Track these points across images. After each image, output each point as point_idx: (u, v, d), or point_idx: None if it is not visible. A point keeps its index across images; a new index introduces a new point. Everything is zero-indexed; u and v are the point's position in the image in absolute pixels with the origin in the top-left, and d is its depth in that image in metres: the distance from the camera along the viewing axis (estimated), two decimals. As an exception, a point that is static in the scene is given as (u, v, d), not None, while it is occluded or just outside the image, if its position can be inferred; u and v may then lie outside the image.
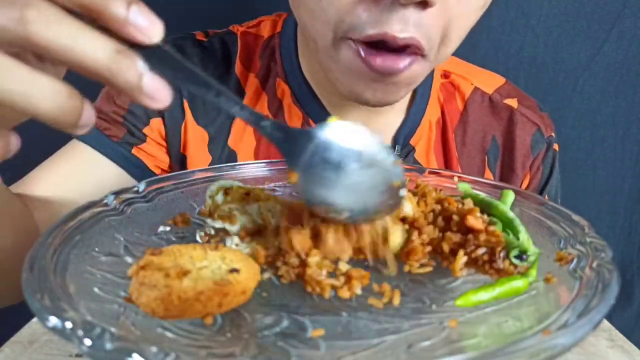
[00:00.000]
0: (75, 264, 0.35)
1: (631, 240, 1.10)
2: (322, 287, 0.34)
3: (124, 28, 0.27)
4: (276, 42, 0.67)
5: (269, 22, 0.69)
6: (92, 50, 0.26)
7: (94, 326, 0.26)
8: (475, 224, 0.38)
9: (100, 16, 0.26)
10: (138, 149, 0.64)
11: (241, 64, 0.67)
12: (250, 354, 0.28)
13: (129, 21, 0.26)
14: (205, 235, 0.42)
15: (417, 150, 0.68)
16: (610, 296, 0.30)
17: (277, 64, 0.66)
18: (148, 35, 0.27)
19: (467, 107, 0.70)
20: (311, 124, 0.65)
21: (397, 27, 0.45)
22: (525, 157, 0.70)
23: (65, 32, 0.25)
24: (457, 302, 0.33)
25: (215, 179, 0.53)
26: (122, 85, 0.27)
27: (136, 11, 0.26)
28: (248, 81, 0.66)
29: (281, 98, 0.66)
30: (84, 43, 0.26)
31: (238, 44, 0.67)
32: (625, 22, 0.96)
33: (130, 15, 0.26)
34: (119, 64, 0.26)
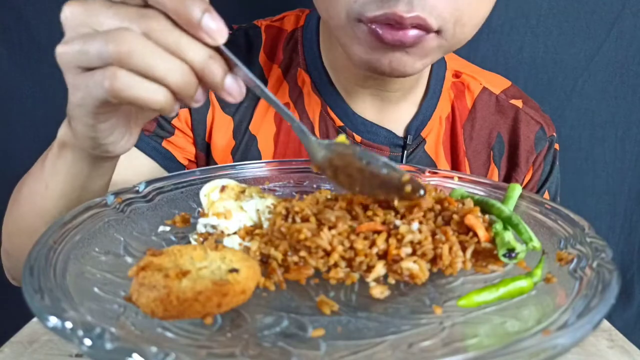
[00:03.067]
0: (75, 264, 0.35)
1: (631, 241, 1.10)
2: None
3: (196, 30, 0.34)
4: (299, 35, 0.71)
5: (293, 16, 0.74)
6: (192, 53, 0.35)
7: (94, 326, 0.26)
8: (475, 223, 0.38)
9: (180, 19, 0.34)
10: (167, 142, 0.68)
11: (265, 55, 0.71)
12: (250, 354, 0.28)
13: (202, 26, 0.34)
14: (199, 237, 0.42)
15: (428, 142, 0.71)
16: (610, 296, 0.30)
17: (299, 55, 0.70)
18: (215, 38, 0.35)
19: (476, 104, 0.74)
20: (328, 111, 0.69)
21: (403, 7, 0.48)
22: (529, 153, 0.74)
23: (174, 38, 0.34)
24: (459, 302, 0.33)
25: (215, 178, 0.53)
26: (210, 83, 0.36)
27: (208, 18, 0.34)
28: (271, 71, 0.70)
29: (301, 86, 0.70)
30: (187, 49, 0.34)
31: (262, 36, 0.72)
32: (625, 22, 0.96)
33: (204, 21, 0.34)
34: (211, 66, 0.35)
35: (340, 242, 0.36)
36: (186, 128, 0.69)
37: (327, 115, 0.69)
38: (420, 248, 0.36)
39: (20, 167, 0.57)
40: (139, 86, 0.34)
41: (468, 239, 0.38)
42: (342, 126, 0.69)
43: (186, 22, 0.34)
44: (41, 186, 0.50)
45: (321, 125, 0.69)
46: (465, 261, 0.37)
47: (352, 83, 0.67)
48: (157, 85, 0.35)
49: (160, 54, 0.34)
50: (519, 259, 0.37)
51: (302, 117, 0.69)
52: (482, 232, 0.38)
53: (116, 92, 0.34)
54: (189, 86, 0.36)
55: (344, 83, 0.68)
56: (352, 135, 0.69)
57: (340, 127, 0.69)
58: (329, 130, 0.69)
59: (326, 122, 0.69)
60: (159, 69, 0.34)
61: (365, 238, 0.37)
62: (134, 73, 0.34)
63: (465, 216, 0.39)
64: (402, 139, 0.70)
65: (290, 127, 0.66)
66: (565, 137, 1.04)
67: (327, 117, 0.69)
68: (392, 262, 0.36)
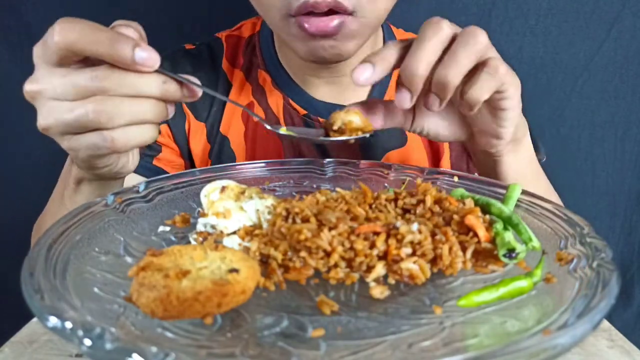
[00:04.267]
0: (75, 264, 0.35)
1: (631, 240, 1.10)
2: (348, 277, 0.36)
3: (132, 66, 0.39)
4: (256, 40, 0.78)
5: (249, 24, 0.81)
6: (150, 90, 0.41)
7: (94, 326, 0.26)
8: (476, 223, 0.38)
9: (118, 63, 0.39)
10: (157, 159, 0.73)
11: (227, 62, 0.78)
12: (250, 354, 0.28)
13: (136, 61, 0.39)
14: (199, 236, 0.42)
15: None
16: (610, 296, 0.30)
17: (258, 57, 0.77)
18: (149, 66, 0.40)
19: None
20: (290, 103, 0.75)
21: None
22: None
23: (130, 85, 0.40)
24: (459, 302, 0.33)
25: (215, 179, 0.53)
26: (174, 102, 0.43)
27: (139, 51, 0.39)
28: (234, 75, 0.77)
29: (263, 85, 0.76)
30: (144, 87, 0.41)
31: (224, 46, 0.79)
32: (624, 22, 0.96)
33: (136, 57, 0.39)
34: (169, 91, 0.42)
35: (341, 242, 0.36)
36: (170, 142, 0.76)
37: (290, 106, 0.75)
38: (420, 248, 0.36)
39: (20, 166, 0.57)
40: (131, 137, 0.41)
41: (468, 239, 0.38)
42: (305, 114, 0.74)
43: (123, 63, 0.39)
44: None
45: (286, 117, 0.75)
46: (465, 261, 0.37)
47: (307, 75, 0.73)
48: (144, 126, 0.42)
49: (129, 103, 0.40)
50: (519, 259, 0.37)
51: (267, 112, 0.75)
52: (482, 232, 0.38)
53: (118, 149, 0.41)
54: (162, 112, 0.43)
55: (301, 76, 0.74)
56: (317, 119, 0.74)
57: (304, 115, 0.74)
58: (294, 120, 0.74)
59: (290, 113, 0.75)
60: (134, 116, 0.40)
61: (365, 239, 0.37)
62: (121, 128, 0.40)
63: (466, 216, 0.39)
64: None
65: (256, 124, 0.74)
66: (565, 137, 1.04)
67: (290, 109, 0.75)
68: (392, 263, 0.36)
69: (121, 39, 0.39)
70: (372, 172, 0.59)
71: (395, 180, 0.57)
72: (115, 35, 0.39)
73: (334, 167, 0.60)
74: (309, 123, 0.74)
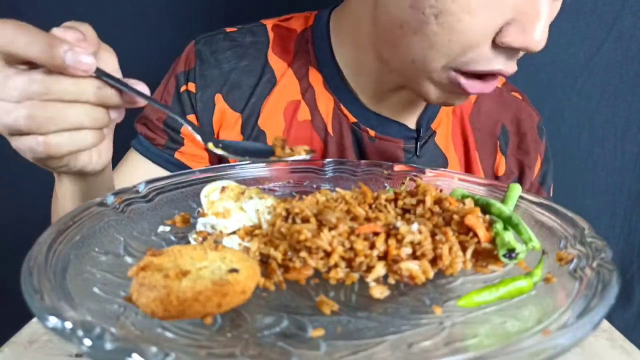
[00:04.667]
0: (75, 264, 0.35)
1: (631, 241, 1.10)
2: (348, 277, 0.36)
3: (67, 70, 0.39)
4: (309, 35, 0.72)
5: (302, 17, 0.75)
6: (86, 96, 0.41)
7: (94, 326, 0.26)
8: (476, 223, 0.38)
9: (52, 67, 0.39)
10: (179, 153, 0.70)
11: (274, 54, 0.72)
12: (250, 354, 0.28)
13: (68, 65, 0.38)
14: (199, 236, 0.42)
15: (438, 133, 0.73)
16: (610, 296, 0.30)
17: (310, 54, 0.71)
18: (84, 70, 0.39)
19: (479, 98, 0.76)
20: (341, 108, 0.70)
21: (510, 64, 0.54)
22: (536, 143, 0.77)
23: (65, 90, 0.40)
24: (459, 302, 0.33)
25: (215, 179, 0.53)
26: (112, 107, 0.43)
27: (70, 55, 0.38)
28: (282, 69, 0.71)
29: (313, 84, 0.71)
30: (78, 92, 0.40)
31: (269, 34, 0.73)
32: (624, 22, 0.96)
33: (67, 61, 0.38)
34: (104, 96, 0.42)
35: (341, 242, 0.36)
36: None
37: (340, 112, 0.70)
38: (420, 248, 0.36)
39: (20, 165, 0.57)
40: (67, 142, 0.41)
41: (468, 239, 0.38)
42: (355, 122, 0.70)
43: (56, 67, 0.38)
44: (60, 209, 0.56)
45: (334, 122, 0.70)
46: (465, 261, 0.37)
47: (374, 86, 0.69)
48: (80, 132, 0.41)
49: (61, 108, 0.39)
50: (519, 259, 0.37)
51: (314, 113, 0.70)
52: (482, 232, 0.38)
53: (54, 154, 0.41)
54: (101, 118, 0.42)
55: (362, 84, 0.69)
56: (366, 130, 0.70)
57: (353, 123, 0.70)
58: (342, 127, 0.70)
59: (340, 118, 0.70)
60: (68, 121, 0.40)
61: (365, 239, 0.37)
62: (57, 133, 0.40)
63: (466, 216, 0.39)
64: (414, 132, 0.72)
65: (301, 124, 0.70)
66: (565, 137, 1.04)
67: (340, 114, 0.70)
68: (392, 263, 0.36)
69: (54, 42, 0.38)
70: (372, 172, 0.59)
71: (395, 180, 0.57)
72: (49, 38, 0.38)
73: (334, 167, 0.60)
74: (357, 133, 0.70)
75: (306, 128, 0.70)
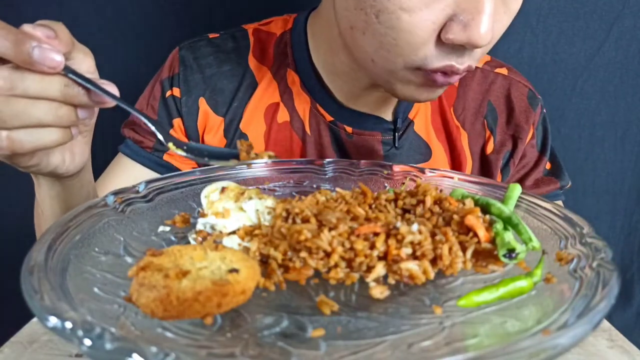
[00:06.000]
0: (75, 264, 0.35)
1: (631, 240, 1.10)
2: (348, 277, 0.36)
3: (34, 66, 0.38)
4: (288, 38, 0.74)
5: (281, 21, 0.76)
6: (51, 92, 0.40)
7: (94, 326, 0.26)
8: (476, 223, 0.38)
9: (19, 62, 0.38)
10: (168, 155, 0.71)
11: (254, 58, 0.73)
12: (250, 354, 0.28)
13: (35, 60, 0.38)
14: (198, 235, 0.42)
15: (416, 123, 0.74)
16: (610, 296, 0.30)
17: (288, 57, 0.73)
18: (49, 66, 0.38)
19: (462, 82, 0.76)
20: (317, 107, 0.71)
21: (460, 60, 0.54)
22: (528, 112, 0.75)
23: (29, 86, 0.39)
24: (459, 302, 0.33)
25: (215, 179, 0.53)
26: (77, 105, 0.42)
27: (37, 51, 0.37)
28: (262, 73, 0.73)
29: (291, 86, 0.73)
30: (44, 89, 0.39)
31: (250, 39, 0.74)
32: (625, 22, 0.96)
33: (35, 56, 0.37)
34: (70, 94, 0.41)
35: (341, 242, 0.36)
36: (183, 137, 0.73)
37: (317, 112, 0.72)
38: (420, 248, 0.36)
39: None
40: (31, 139, 0.40)
41: (468, 239, 0.38)
42: (332, 120, 0.71)
43: (23, 62, 0.38)
44: (40, 212, 0.57)
45: (312, 122, 0.72)
46: (465, 261, 0.37)
47: (349, 85, 0.70)
48: (45, 129, 0.40)
49: (25, 104, 0.39)
50: (519, 259, 0.37)
51: (292, 114, 0.72)
52: (482, 232, 0.38)
53: (16, 150, 0.40)
54: (67, 116, 0.41)
55: (339, 84, 0.70)
56: (343, 127, 0.71)
57: (330, 121, 0.71)
58: (320, 126, 0.72)
59: (317, 118, 0.72)
60: (32, 117, 0.39)
61: (365, 239, 0.37)
62: (21, 129, 0.39)
63: (466, 216, 0.39)
64: (391, 123, 0.72)
65: (280, 125, 0.71)
66: (565, 137, 1.04)
67: (317, 114, 0.72)
68: (392, 263, 0.36)
69: (21, 38, 0.38)
70: (372, 172, 0.59)
71: (395, 180, 0.57)
72: (17, 34, 0.38)
73: (334, 167, 0.60)
74: (334, 131, 0.71)
75: (285, 129, 0.72)
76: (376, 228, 0.37)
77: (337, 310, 0.33)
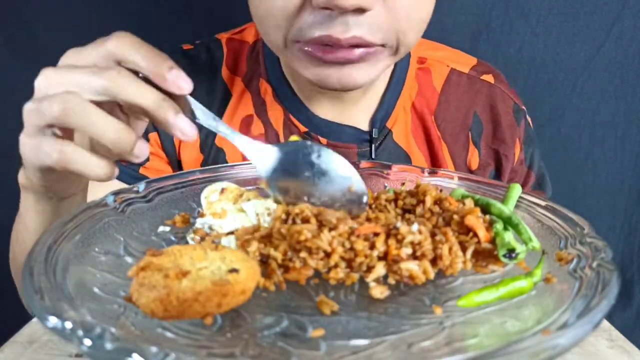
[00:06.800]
0: (75, 264, 0.35)
1: (631, 241, 1.10)
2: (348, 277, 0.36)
3: (164, 83, 0.38)
4: (260, 46, 0.72)
5: (254, 28, 0.74)
6: (148, 96, 0.38)
7: (94, 326, 0.26)
8: (476, 223, 0.38)
9: (151, 76, 0.38)
10: (144, 168, 0.70)
11: (227, 69, 0.72)
12: (250, 354, 0.28)
13: (167, 79, 0.38)
14: (196, 234, 0.42)
15: (395, 132, 0.71)
16: (610, 296, 0.30)
17: (261, 66, 0.71)
18: (180, 88, 0.39)
19: (445, 88, 0.73)
20: (291, 118, 0.70)
21: (339, 28, 0.50)
22: (512, 128, 0.73)
23: (134, 88, 0.38)
24: (459, 302, 0.33)
25: (214, 179, 0.53)
26: (164, 122, 0.39)
27: (174, 74, 0.38)
28: (234, 84, 0.72)
29: (264, 96, 0.71)
30: (142, 92, 0.38)
31: (224, 49, 0.73)
32: (625, 22, 0.96)
33: (169, 76, 0.38)
34: (163, 106, 0.38)
35: (341, 243, 0.36)
36: (159, 151, 0.72)
37: (291, 122, 0.70)
38: (420, 249, 0.36)
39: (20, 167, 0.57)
40: (83, 161, 0.38)
41: (468, 239, 0.38)
42: (306, 131, 0.69)
43: (156, 75, 0.38)
44: (22, 225, 0.55)
45: (285, 133, 0.70)
46: (465, 261, 0.37)
47: (309, 90, 0.68)
48: (99, 159, 0.39)
49: (95, 113, 0.38)
50: (519, 259, 0.37)
51: (266, 126, 0.71)
52: (482, 232, 0.38)
53: (62, 165, 0.38)
54: (125, 142, 0.39)
55: (302, 90, 0.69)
56: (317, 138, 0.70)
57: (305, 132, 0.69)
58: None
59: (290, 129, 0.70)
60: (95, 127, 0.38)
61: (365, 239, 0.37)
62: (79, 148, 0.38)
63: (466, 216, 0.39)
64: (367, 133, 0.70)
65: (255, 138, 0.68)
66: (565, 137, 1.04)
67: (290, 124, 0.70)
68: (392, 263, 0.36)
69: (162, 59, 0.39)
70: (372, 172, 0.59)
71: (395, 180, 0.57)
72: (160, 56, 0.39)
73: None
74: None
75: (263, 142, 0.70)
76: (376, 228, 0.37)
77: (337, 310, 0.33)
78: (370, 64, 0.55)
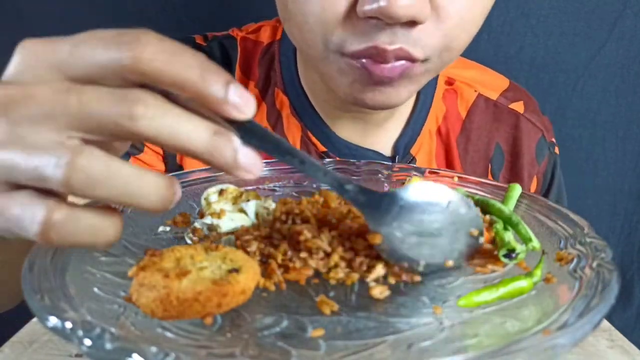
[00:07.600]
0: (75, 264, 0.35)
1: (631, 241, 1.10)
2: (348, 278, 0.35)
3: (222, 107, 0.27)
4: (275, 50, 0.66)
5: (269, 27, 0.68)
6: (193, 136, 0.26)
7: (94, 326, 0.26)
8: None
9: (200, 98, 0.27)
10: (135, 159, 0.64)
11: (240, 72, 0.66)
12: (250, 354, 0.28)
13: (228, 101, 0.27)
14: (195, 235, 0.42)
15: (418, 159, 0.67)
16: (610, 296, 0.30)
17: (276, 74, 0.65)
18: (244, 112, 0.27)
19: (470, 115, 0.69)
20: (309, 136, 0.64)
21: (386, 39, 0.45)
22: (531, 165, 0.70)
23: (168, 123, 0.26)
24: (459, 302, 0.33)
25: (214, 179, 0.53)
26: (221, 164, 0.28)
27: (234, 91, 0.27)
28: (248, 89, 0.66)
29: (280, 109, 0.65)
30: (186, 131, 0.26)
31: (238, 49, 0.67)
32: (626, 23, 0.96)
33: (229, 95, 0.27)
34: (217, 146, 0.27)
35: (341, 243, 0.36)
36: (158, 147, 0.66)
37: (309, 141, 0.64)
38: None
39: None
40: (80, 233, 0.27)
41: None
42: (324, 151, 0.64)
43: (208, 100, 0.27)
44: None
45: (303, 150, 0.65)
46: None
47: (331, 107, 0.63)
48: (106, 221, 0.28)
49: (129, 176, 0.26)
50: (519, 259, 0.37)
51: None
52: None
53: (51, 243, 0.27)
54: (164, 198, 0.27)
55: (323, 106, 0.64)
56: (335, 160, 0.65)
57: (323, 152, 0.64)
58: (312, 156, 0.66)
59: (308, 147, 0.65)
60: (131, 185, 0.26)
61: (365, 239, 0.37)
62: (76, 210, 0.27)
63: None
64: (390, 159, 0.66)
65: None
66: (566, 137, 1.04)
67: (308, 143, 0.64)
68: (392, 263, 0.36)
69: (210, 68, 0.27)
70: (372, 172, 0.59)
71: (395, 181, 0.57)
72: (207, 62, 0.27)
73: (334, 167, 0.59)
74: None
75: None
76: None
77: (337, 310, 0.33)
78: (407, 84, 0.51)
